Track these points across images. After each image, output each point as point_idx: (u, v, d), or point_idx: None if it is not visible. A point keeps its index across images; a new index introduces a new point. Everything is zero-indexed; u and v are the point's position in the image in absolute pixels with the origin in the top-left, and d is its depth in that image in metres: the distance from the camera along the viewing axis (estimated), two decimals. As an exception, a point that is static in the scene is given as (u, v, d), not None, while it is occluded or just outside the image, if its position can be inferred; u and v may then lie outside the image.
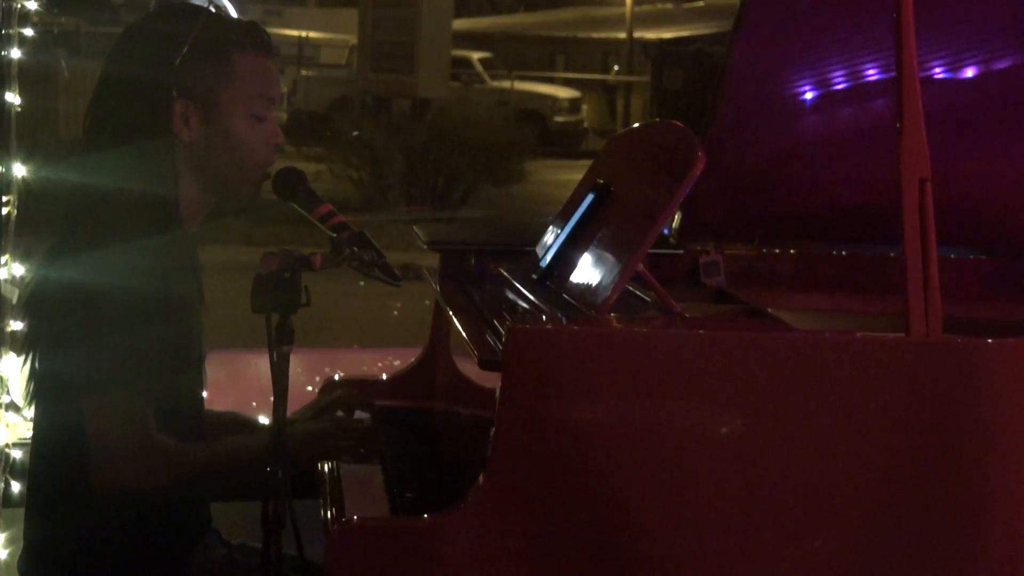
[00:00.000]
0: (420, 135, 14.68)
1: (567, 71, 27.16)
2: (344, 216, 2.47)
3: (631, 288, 2.59)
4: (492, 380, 2.27)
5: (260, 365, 2.32)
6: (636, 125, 3.13)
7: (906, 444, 2.23)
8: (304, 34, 24.34)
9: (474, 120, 15.40)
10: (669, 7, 29.14)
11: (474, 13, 29.07)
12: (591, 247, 2.54)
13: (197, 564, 2.55)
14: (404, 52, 16.41)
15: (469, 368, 2.86)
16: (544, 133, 21.85)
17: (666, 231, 3.30)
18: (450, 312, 2.69)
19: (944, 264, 2.26)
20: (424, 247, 3.19)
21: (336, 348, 6.01)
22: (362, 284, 2.98)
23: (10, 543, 3.55)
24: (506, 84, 23.93)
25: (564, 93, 24.21)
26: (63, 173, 2.52)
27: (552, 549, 2.20)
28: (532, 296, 2.57)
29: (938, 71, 3.12)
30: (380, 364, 4.31)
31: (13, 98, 3.87)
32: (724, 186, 3.23)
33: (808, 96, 3.26)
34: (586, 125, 24.57)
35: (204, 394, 2.64)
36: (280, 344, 2.15)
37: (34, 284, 2.52)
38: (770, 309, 2.70)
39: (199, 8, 2.55)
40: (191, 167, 2.48)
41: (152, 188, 2.43)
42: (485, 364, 2.27)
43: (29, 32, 3.95)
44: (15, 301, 3.85)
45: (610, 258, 2.43)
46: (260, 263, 2.17)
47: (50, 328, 2.42)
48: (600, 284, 2.39)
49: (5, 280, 3.88)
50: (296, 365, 2.20)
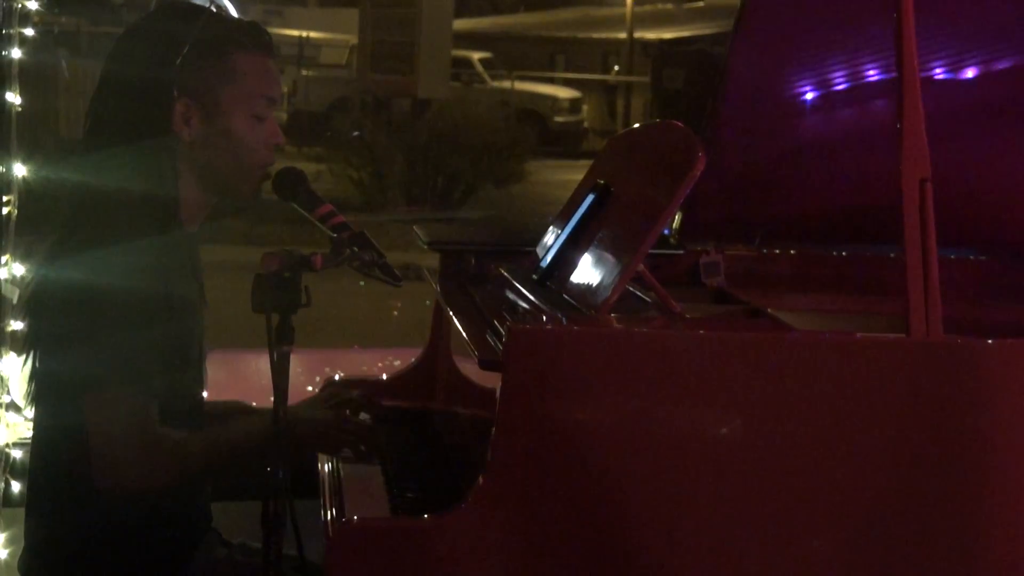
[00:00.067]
0: (420, 135, 14.69)
1: (567, 71, 27.14)
2: (344, 216, 2.47)
3: (631, 288, 2.59)
4: (492, 380, 2.27)
5: (260, 365, 2.33)
6: (636, 125, 3.13)
7: (906, 444, 2.23)
8: (304, 34, 24.29)
9: (474, 120, 15.40)
10: (670, 7, 29.15)
11: (474, 13, 29.06)
12: (591, 247, 2.54)
13: (197, 564, 2.55)
14: (404, 52, 16.44)
15: (469, 368, 2.86)
16: (544, 133, 21.86)
17: (666, 231, 3.30)
18: (450, 312, 2.69)
19: (944, 264, 2.26)
20: (424, 247, 3.19)
21: (336, 348, 6.01)
22: (362, 284, 2.98)
23: (10, 543, 3.55)
24: (506, 84, 23.92)
25: (564, 93, 24.20)
26: (64, 173, 2.52)
27: (552, 549, 2.20)
28: (532, 296, 2.57)
29: (938, 71, 3.12)
30: (380, 364, 4.31)
31: (14, 98, 3.87)
32: (724, 186, 3.23)
33: (808, 96, 3.26)
34: (586, 125, 24.56)
35: (205, 394, 2.64)
36: (280, 344, 2.15)
37: (35, 284, 2.52)
38: (770, 310, 2.70)
39: (200, 8, 2.55)
40: (192, 167, 2.48)
41: (153, 188, 2.43)
42: (485, 364, 2.27)
43: (30, 32, 3.94)
44: (15, 301, 3.85)
45: (610, 258, 2.43)
46: (260, 263, 2.17)
47: (51, 328, 2.42)
48: (600, 284, 2.39)
49: (5, 280, 3.88)
50: (296, 365, 2.20)
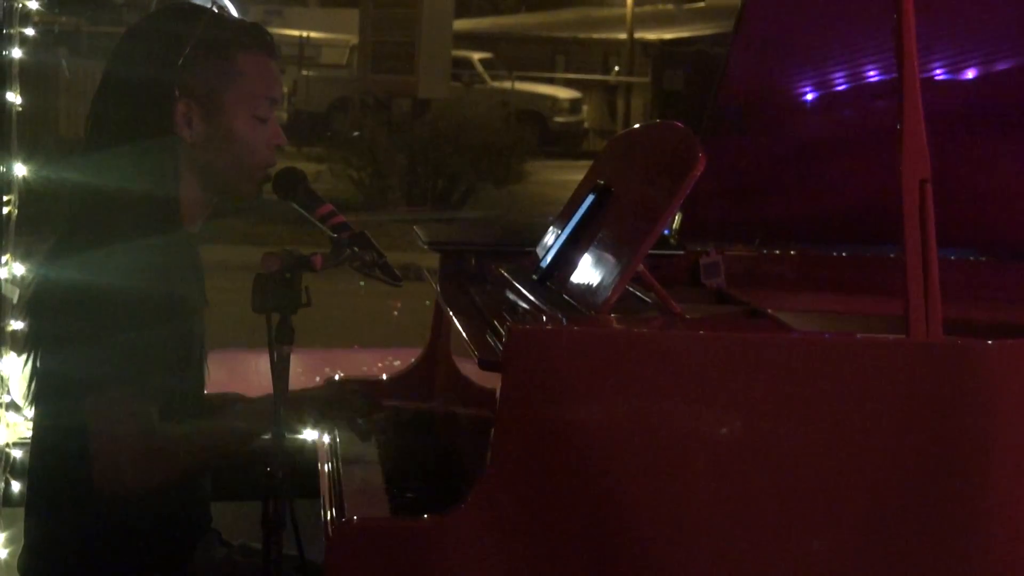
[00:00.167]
0: (420, 135, 14.71)
1: (568, 72, 27.12)
2: (344, 216, 2.47)
3: (631, 289, 2.59)
4: (492, 380, 2.27)
5: (260, 365, 2.32)
6: (636, 126, 3.13)
7: (906, 445, 2.23)
8: (305, 34, 24.29)
9: (475, 120, 15.42)
10: (670, 8, 29.13)
11: (475, 13, 29.03)
12: (591, 248, 2.54)
13: (197, 564, 2.55)
14: (405, 52, 16.46)
15: (469, 368, 2.86)
16: (544, 133, 21.88)
17: (666, 232, 3.30)
18: (450, 312, 2.69)
19: (944, 265, 2.26)
20: (424, 247, 3.19)
21: (336, 348, 6.00)
22: (362, 284, 2.98)
23: (10, 543, 3.54)
24: (507, 84, 23.90)
25: (565, 94, 24.19)
26: (64, 173, 2.52)
27: (552, 549, 2.20)
28: (532, 296, 2.57)
29: (938, 72, 3.12)
30: (380, 364, 4.30)
31: (14, 98, 3.86)
32: (725, 187, 3.23)
33: (808, 97, 3.26)
34: (586, 126, 24.55)
35: (205, 393, 2.65)
36: (280, 344, 2.15)
37: (35, 284, 2.52)
38: (770, 310, 2.70)
39: (202, 8, 2.55)
40: (193, 167, 2.48)
41: (154, 188, 2.43)
42: (485, 364, 2.27)
43: (30, 31, 3.94)
44: (15, 301, 3.85)
45: (610, 259, 2.43)
46: (261, 263, 2.17)
47: (51, 328, 2.42)
48: (600, 285, 2.39)
49: (5, 280, 3.87)
50: (296, 365, 2.20)
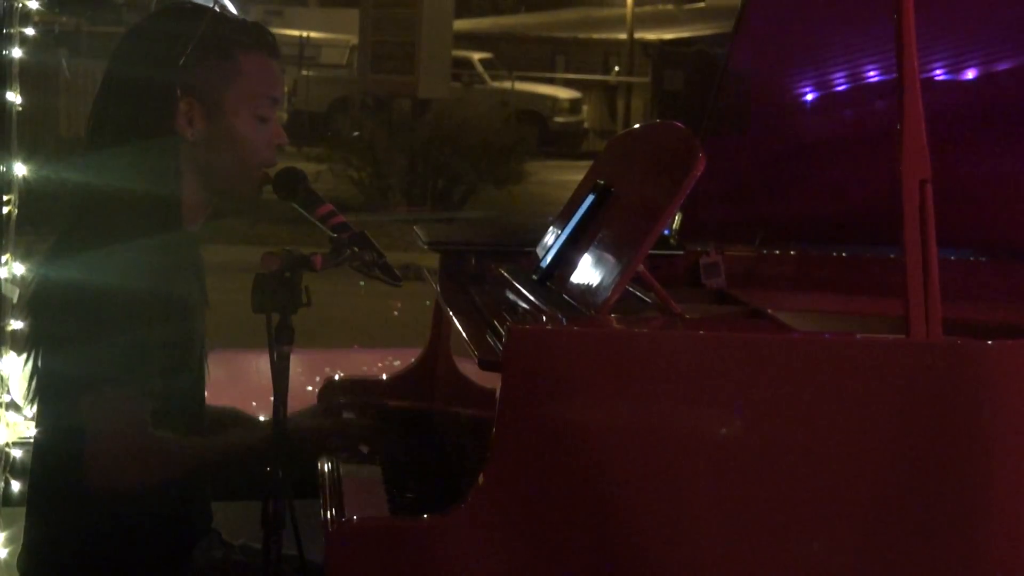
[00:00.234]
0: (420, 135, 14.70)
1: (568, 72, 27.13)
2: (344, 216, 2.47)
3: (631, 289, 2.59)
4: (492, 380, 2.27)
5: (260, 365, 2.32)
6: (636, 126, 3.13)
7: (906, 445, 2.23)
8: (305, 34, 24.31)
9: (475, 120, 15.41)
10: (670, 8, 29.16)
11: (475, 13, 29.04)
12: (591, 248, 2.54)
13: (197, 564, 2.55)
14: (405, 52, 16.44)
15: (469, 368, 2.86)
16: (544, 134, 21.89)
17: (666, 232, 3.30)
18: (450, 312, 2.69)
19: (944, 265, 2.26)
20: (424, 247, 3.19)
21: (336, 348, 6.01)
22: (362, 284, 2.98)
23: (10, 543, 3.54)
24: (507, 84, 23.91)
25: (565, 94, 24.20)
26: (65, 172, 2.52)
27: (552, 549, 2.20)
28: (532, 296, 2.57)
29: (938, 72, 3.12)
30: (380, 364, 4.31)
31: (14, 97, 3.86)
32: (725, 187, 3.23)
33: (809, 97, 3.26)
34: (586, 126, 24.56)
35: (205, 393, 2.65)
36: (280, 344, 2.15)
37: (36, 283, 2.52)
38: (770, 310, 2.70)
39: (203, 8, 2.55)
40: (194, 167, 2.48)
41: (154, 187, 2.43)
42: (485, 364, 2.27)
43: (30, 31, 3.94)
44: (15, 300, 3.85)
45: (610, 259, 2.43)
46: (260, 263, 2.17)
47: (52, 327, 2.42)
48: (600, 285, 2.39)
49: (5, 279, 3.87)
50: (296, 365, 2.20)
